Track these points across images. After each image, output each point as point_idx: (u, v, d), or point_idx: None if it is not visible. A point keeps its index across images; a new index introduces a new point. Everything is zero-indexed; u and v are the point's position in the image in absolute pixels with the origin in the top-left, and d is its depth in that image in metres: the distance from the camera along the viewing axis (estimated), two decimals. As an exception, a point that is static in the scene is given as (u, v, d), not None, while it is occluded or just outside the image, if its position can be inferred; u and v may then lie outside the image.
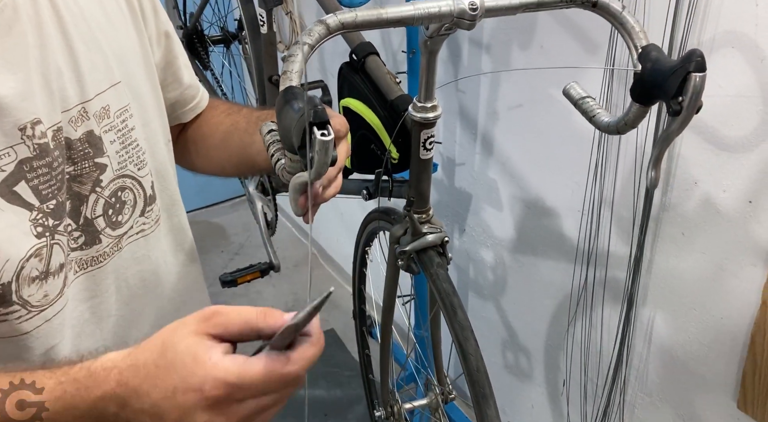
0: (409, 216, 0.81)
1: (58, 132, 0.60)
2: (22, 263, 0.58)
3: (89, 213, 0.65)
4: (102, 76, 0.64)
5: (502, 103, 1.28)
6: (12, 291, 0.58)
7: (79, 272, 0.66)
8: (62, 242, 0.62)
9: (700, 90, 0.60)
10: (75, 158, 0.62)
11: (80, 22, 0.61)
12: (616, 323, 1.19)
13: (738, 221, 0.94)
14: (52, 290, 0.61)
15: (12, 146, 0.56)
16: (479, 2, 0.58)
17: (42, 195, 0.59)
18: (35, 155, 0.57)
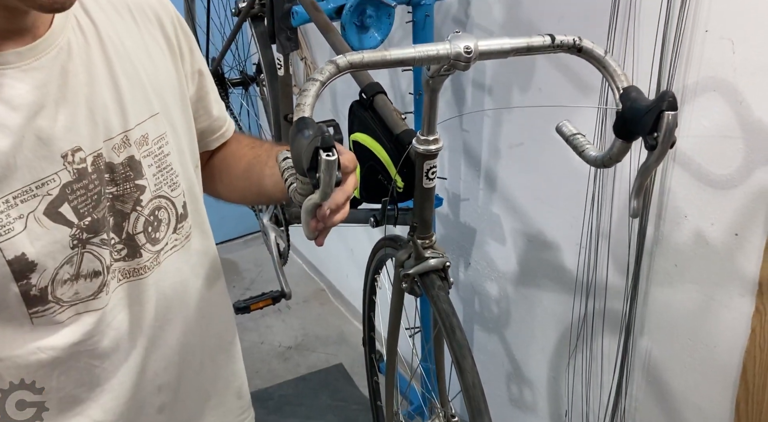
0: (413, 241, 0.87)
1: (98, 158, 0.68)
2: (57, 270, 0.66)
3: (131, 229, 0.73)
4: (142, 108, 0.72)
5: (503, 142, 1.36)
6: (48, 293, 0.66)
7: (122, 281, 0.74)
8: (96, 252, 0.69)
9: (672, 126, 0.66)
10: (117, 180, 0.70)
11: (125, 61, 0.70)
12: (615, 353, 1.22)
13: (726, 253, 0.99)
14: (82, 290, 0.69)
15: (57, 172, 0.64)
16: (473, 46, 0.65)
17: (80, 213, 0.67)
18: (74, 179, 0.65)
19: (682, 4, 0.92)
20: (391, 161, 0.87)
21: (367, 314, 1.27)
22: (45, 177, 0.63)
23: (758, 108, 0.88)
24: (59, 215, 0.65)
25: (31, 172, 0.62)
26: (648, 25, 0.98)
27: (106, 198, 0.69)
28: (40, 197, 0.63)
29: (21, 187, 0.61)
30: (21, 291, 0.64)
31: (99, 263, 0.70)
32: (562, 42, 0.69)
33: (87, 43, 0.66)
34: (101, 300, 0.71)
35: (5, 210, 0.61)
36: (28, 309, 0.66)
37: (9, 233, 0.61)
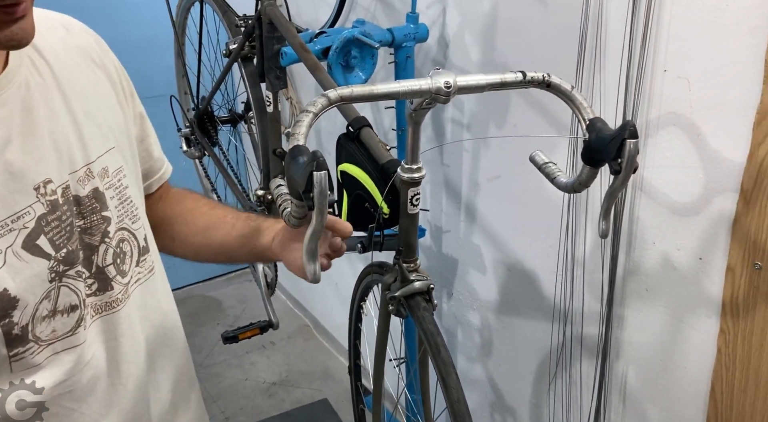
0: (399, 265, 0.92)
1: (66, 190, 0.69)
2: (36, 306, 0.66)
3: (100, 262, 0.73)
4: (100, 142, 0.74)
5: (482, 175, 1.42)
6: (28, 331, 0.65)
7: (95, 316, 0.73)
8: (72, 285, 0.69)
9: (634, 153, 0.73)
10: (84, 213, 0.71)
11: (80, 98, 0.73)
12: (593, 378, 1.27)
13: (692, 276, 1.06)
14: (59, 327, 0.68)
15: (31, 205, 0.65)
16: (452, 81, 0.72)
17: (56, 245, 0.67)
18: (48, 211, 0.66)
19: (642, 46, 1.01)
20: (378, 189, 0.93)
21: (352, 342, 1.31)
22: (20, 210, 0.63)
23: (714, 141, 0.96)
24: (37, 248, 0.65)
25: (5, 206, 0.62)
26: (612, 66, 1.06)
27: (76, 230, 0.70)
28: (17, 230, 0.63)
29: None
30: (3, 331, 0.63)
31: (76, 297, 0.70)
32: (532, 78, 0.76)
33: (43, 80, 0.69)
34: (79, 336, 0.70)
35: None
36: (8, 351, 0.64)
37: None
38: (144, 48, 2.31)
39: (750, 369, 0.99)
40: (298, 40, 1.23)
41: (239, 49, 1.46)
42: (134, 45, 0.87)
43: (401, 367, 1.38)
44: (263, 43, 1.35)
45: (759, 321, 0.96)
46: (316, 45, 1.25)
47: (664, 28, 0.98)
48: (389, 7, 1.52)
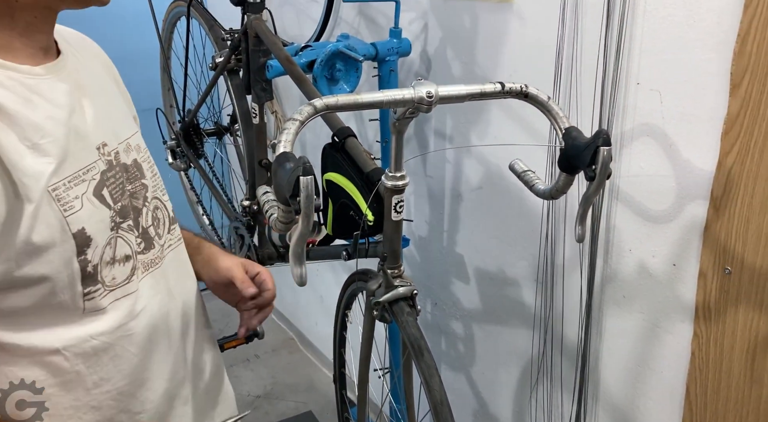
0: (383, 270, 0.94)
1: (117, 154, 0.80)
2: (103, 248, 0.75)
3: (144, 223, 0.83)
4: (131, 124, 0.86)
5: (465, 186, 1.46)
6: (98, 271, 0.74)
7: (145, 273, 0.82)
8: (125, 237, 0.78)
9: (608, 160, 0.76)
10: (131, 178, 0.81)
11: (110, 87, 0.86)
12: (573, 384, 1.29)
13: (666, 282, 1.09)
14: (118, 275, 0.77)
15: (95, 161, 0.75)
16: (434, 91, 0.75)
17: (114, 198, 0.77)
18: (107, 168, 0.77)
19: (616, 60, 1.05)
20: (362, 197, 0.95)
21: (337, 351, 1.32)
22: (88, 164, 0.74)
23: (685, 150, 1.00)
24: (102, 198, 0.75)
25: (77, 160, 0.72)
26: (588, 79, 1.11)
27: (127, 191, 0.80)
28: (88, 181, 0.73)
29: (72, 173, 0.72)
30: (80, 267, 0.72)
31: (129, 249, 0.78)
32: (510, 88, 0.79)
33: (84, 67, 0.80)
34: (133, 284, 0.79)
35: (65, 190, 0.70)
36: (82, 288, 0.73)
37: (72, 210, 0.70)
38: (130, 62, 2.30)
39: (722, 371, 1.02)
40: (284, 53, 1.26)
41: (225, 62, 1.48)
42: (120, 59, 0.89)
43: (385, 376, 1.39)
44: (249, 56, 1.38)
45: (730, 325, 1.00)
46: (301, 58, 1.28)
47: (636, 43, 1.02)
48: (373, 23, 1.56)
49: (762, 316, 0.95)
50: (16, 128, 0.66)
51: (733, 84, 0.90)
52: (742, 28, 0.87)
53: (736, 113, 0.91)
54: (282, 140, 0.71)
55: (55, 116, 0.70)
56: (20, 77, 0.68)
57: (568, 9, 1.11)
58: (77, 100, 0.75)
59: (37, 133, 0.68)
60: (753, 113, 0.89)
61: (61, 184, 0.70)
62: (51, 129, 0.69)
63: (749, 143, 0.91)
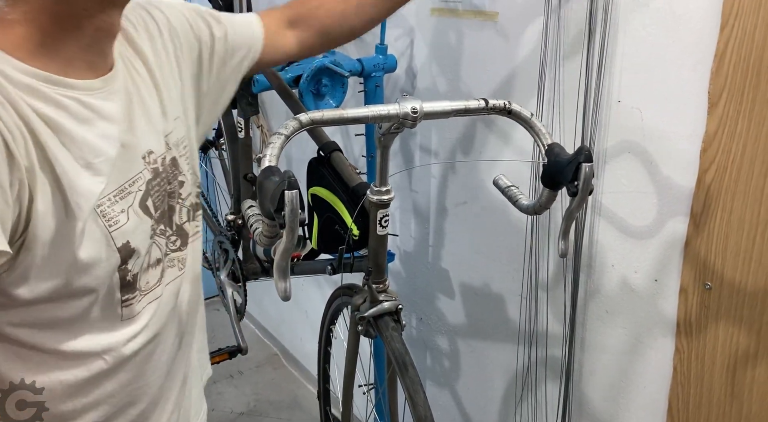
0: (368, 285, 0.95)
1: (164, 159, 0.80)
2: (144, 257, 0.76)
3: (178, 220, 0.84)
4: (172, 115, 0.83)
5: (450, 201, 1.47)
6: (137, 280, 0.76)
7: (182, 269, 0.84)
8: (158, 242, 0.80)
9: (589, 175, 0.77)
10: (170, 178, 0.82)
11: (160, 79, 0.82)
12: (559, 400, 1.29)
13: (648, 297, 1.10)
14: (151, 279, 0.79)
15: (141, 172, 0.76)
16: (419, 107, 0.76)
17: (155, 206, 0.78)
18: (152, 176, 0.78)
19: (598, 78, 1.07)
20: (347, 212, 0.96)
21: (322, 366, 1.31)
22: (133, 176, 0.75)
23: (665, 167, 1.02)
24: (146, 208, 0.76)
25: (123, 173, 0.73)
26: (570, 97, 1.12)
27: (166, 194, 0.81)
28: (134, 193, 0.74)
29: (119, 186, 0.73)
30: (120, 276, 0.73)
31: (159, 252, 0.80)
32: (494, 105, 0.81)
33: (136, 68, 0.79)
34: (161, 287, 0.81)
35: (111, 206, 0.71)
36: (121, 296, 0.74)
37: (117, 224, 0.71)
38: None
39: (703, 386, 1.03)
40: (270, 68, 1.27)
41: (212, 77, 1.48)
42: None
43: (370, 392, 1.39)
44: (236, 71, 1.38)
45: (710, 340, 1.01)
46: (287, 73, 1.29)
47: (617, 61, 1.04)
48: (359, 39, 1.57)
49: (741, 331, 0.97)
50: (73, 147, 0.67)
51: (710, 103, 0.92)
52: (718, 48, 0.89)
53: (714, 131, 0.93)
54: (267, 154, 0.71)
55: (108, 133, 0.71)
56: (78, 95, 0.69)
57: (550, 27, 1.13)
58: (128, 110, 0.76)
59: (92, 152, 0.69)
60: (730, 131, 0.91)
61: (106, 199, 0.71)
62: (104, 148, 0.70)
63: (727, 161, 0.92)
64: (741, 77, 0.88)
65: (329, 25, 1.00)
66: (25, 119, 0.64)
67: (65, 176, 0.66)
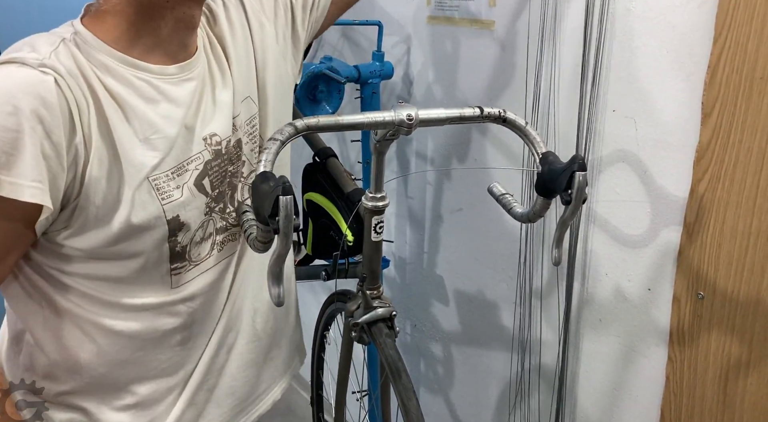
0: (362, 291, 0.94)
1: (229, 143, 0.86)
2: (195, 231, 0.82)
3: (240, 197, 0.90)
4: (240, 96, 0.88)
5: (445, 208, 1.47)
6: (187, 251, 0.83)
7: (238, 243, 0.90)
8: (215, 219, 0.86)
9: (583, 184, 0.78)
10: (233, 159, 0.87)
11: (234, 60, 0.87)
12: (551, 408, 1.29)
13: (642, 306, 1.10)
14: (203, 251, 0.86)
15: (200, 152, 0.82)
16: (415, 114, 0.76)
17: (213, 186, 0.84)
18: (213, 158, 0.83)
19: (592, 88, 1.07)
20: (342, 218, 0.96)
21: (315, 372, 1.31)
22: (192, 155, 0.80)
23: (659, 177, 1.02)
24: (202, 187, 0.82)
25: (183, 152, 0.79)
26: (565, 106, 1.13)
27: (228, 175, 0.86)
28: (190, 171, 0.80)
29: (176, 164, 0.79)
30: (170, 246, 0.80)
31: (213, 228, 0.86)
32: (489, 113, 0.81)
33: (214, 55, 0.86)
34: (212, 258, 0.87)
35: (166, 181, 0.78)
36: (170, 264, 0.81)
37: (170, 198, 0.78)
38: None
39: (696, 395, 1.03)
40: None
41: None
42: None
43: (363, 399, 1.38)
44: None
45: (703, 349, 1.01)
46: (284, 79, 1.29)
47: (612, 71, 1.05)
48: (356, 45, 1.58)
49: (734, 341, 0.97)
50: (134, 122, 0.74)
51: (704, 113, 0.93)
52: (712, 59, 0.90)
53: (708, 141, 0.93)
54: (262, 159, 0.71)
55: (171, 115, 0.77)
56: (150, 78, 0.76)
57: (546, 37, 1.13)
58: (198, 97, 0.81)
59: (151, 128, 0.76)
60: (723, 141, 0.92)
61: (163, 175, 0.77)
62: (163, 126, 0.77)
63: (720, 171, 0.93)
64: (734, 88, 0.89)
65: None
66: (94, 91, 0.71)
67: (122, 146, 0.73)
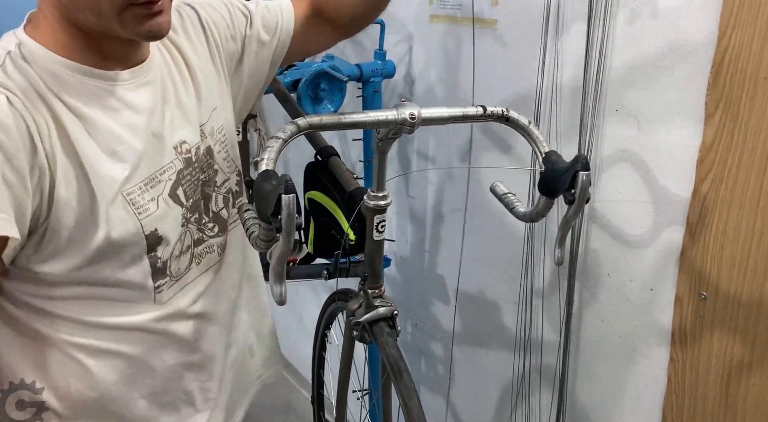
0: (364, 290, 0.94)
1: (198, 149, 0.82)
2: (174, 245, 0.79)
3: (214, 207, 0.87)
4: (209, 105, 0.86)
5: (446, 207, 1.46)
6: (168, 266, 0.79)
7: (221, 254, 0.87)
8: (191, 230, 0.83)
9: (587, 184, 0.77)
10: (204, 168, 0.84)
11: (196, 70, 0.84)
12: (552, 408, 1.29)
13: (644, 306, 1.10)
14: (182, 265, 0.82)
15: (172, 161, 0.78)
16: (417, 113, 0.76)
17: (187, 196, 0.81)
18: (184, 166, 0.80)
19: (595, 87, 1.07)
20: (344, 216, 0.96)
21: (316, 371, 1.31)
22: (164, 165, 0.77)
23: (661, 176, 1.02)
24: (176, 197, 0.79)
25: (154, 163, 0.76)
26: (568, 105, 1.13)
27: (199, 183, 0.83)
28: (164, 181, 0.77)
29: (149, 175, 0.75)
30: (150, 263, 0.76)
31: (190, 240, 0.83)
32: (492, 112, 0.81)
33: (172, 59, 0.83)
34: (193, 272, 0.84)
35: (141, 194, 0.74)
36: (153, 282, 0.78)
37: (146, 212, 0.74)
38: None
39: (697, 396, 1.03)
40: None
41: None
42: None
43: (364, 398, 1.38)
44: (235, 74, 1.38)
45: (705, 350, 1.01)
46: (286, 77, 1.29)
47: (615, 70, 1.04)
48: (358, 44, 1.58)
49: (736, 341, 0.97)
50: (98, 136, 0.71)
51: (707, 113, 0.93)
52: (715, 59, 0.90)
53: (711, 141, 0.93)
54: (265, 157, 0.71)
55: (134, 123, 0.74)
56: (106, 85, 0.72)
57: (549, 36, 1.13)
58: (160, 100, 0.77)
59: (116, 140, 0.72)
60: (726, 142, 0.91)
61: (136, 187, 0.74)
62: (128, 137, 0.73)
63: (723, 172, 0.93)
64: (738, 88, 0.88)
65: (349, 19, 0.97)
66: (50, 106, 0.67)
67: (88, 162, 0.69)
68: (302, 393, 2.41)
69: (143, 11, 0.68)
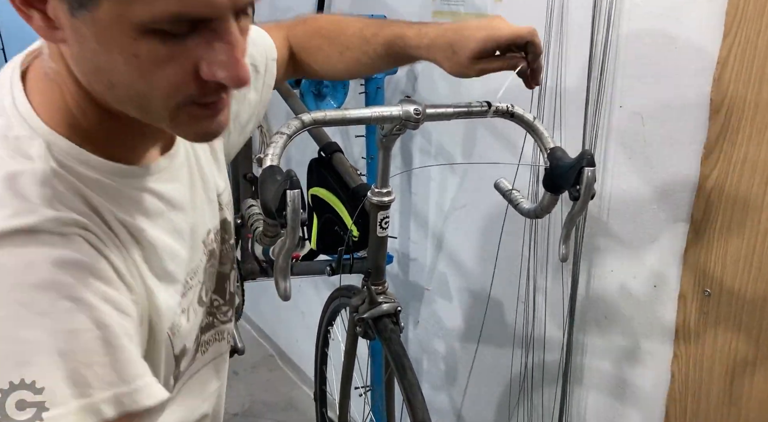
0: (367, 287, 0.94)
1: (217, 232, 0.70)
2: (191, 350, 0.66)
3: (231, 288, 0.74)
4: (223, 165, 0.75)
5: (449, 204, 1.46)
6: (180, 373, 0.66)
7: (222, 341, 0.74)
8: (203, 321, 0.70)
9: (592, 180, 0.77)
10: (221, 252, 0.72)
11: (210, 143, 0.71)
12: (555, 405, 1.29)
13: (647, 303, 1.10)
14: (188, 361, 0.68)
15: (200, 259, 0.66)
16: (422, 109, 0.76)
17: (207, 291, 0.68)
18: (207, 259, 0.68)
19: (599, 84, 1.07)
20: (347, 213, 0.96)
21: (318, 368, 1.31)
22: (195, 266, 0.65)
23: (665, 173, 1.02)
24: (201, 300, 0.67)
25: (187, 265, 0.63)
26: (572, 101, 1.12)
27: (215, 269, 0.71)
28: (194, 287, 0.65)
29: (182, 282, 0.62)
30: (174, 382, 0.64)
31: (198, 331, 0.70)
32: (497, 108, 0.80)
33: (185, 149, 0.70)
34: (197, 363, 0.71)
35: (180, 314, 0.62)
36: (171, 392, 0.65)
37: (179, 331, 0.62)
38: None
39: (701, 393, 1.03)
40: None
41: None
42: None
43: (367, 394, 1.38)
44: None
45: (709, 346, 1.01)
46: (289, 74, 1.29)
47: (620, 67, 1.04)
48: (361, 41, 1.57)
49: (740, 338, 0.97)
50: (152, 257, 0.57)
51: (712, 110, 0.92)
52: (721, 55, 0.90)
53: (716, 138, 0.93)
54: (269, 153, 0.71)
55: (178, 225, 0.62)
56: (147, 184, 0.59)
57: (553, 31, 1.13)
58: (191, 185, 0.65)
59: (168, 256, 0.59)
60: (731, 138, 0.91)
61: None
62: (178, 246, 0.61)
63: (728, 169, 0.92)
64: (743, 84, 0.88)
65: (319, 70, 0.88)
66: (114, 230, 0.54)
67: (151, 295, 0.56)
68: (304, 389, 2.41)
69: (203, 112, 0.53)
